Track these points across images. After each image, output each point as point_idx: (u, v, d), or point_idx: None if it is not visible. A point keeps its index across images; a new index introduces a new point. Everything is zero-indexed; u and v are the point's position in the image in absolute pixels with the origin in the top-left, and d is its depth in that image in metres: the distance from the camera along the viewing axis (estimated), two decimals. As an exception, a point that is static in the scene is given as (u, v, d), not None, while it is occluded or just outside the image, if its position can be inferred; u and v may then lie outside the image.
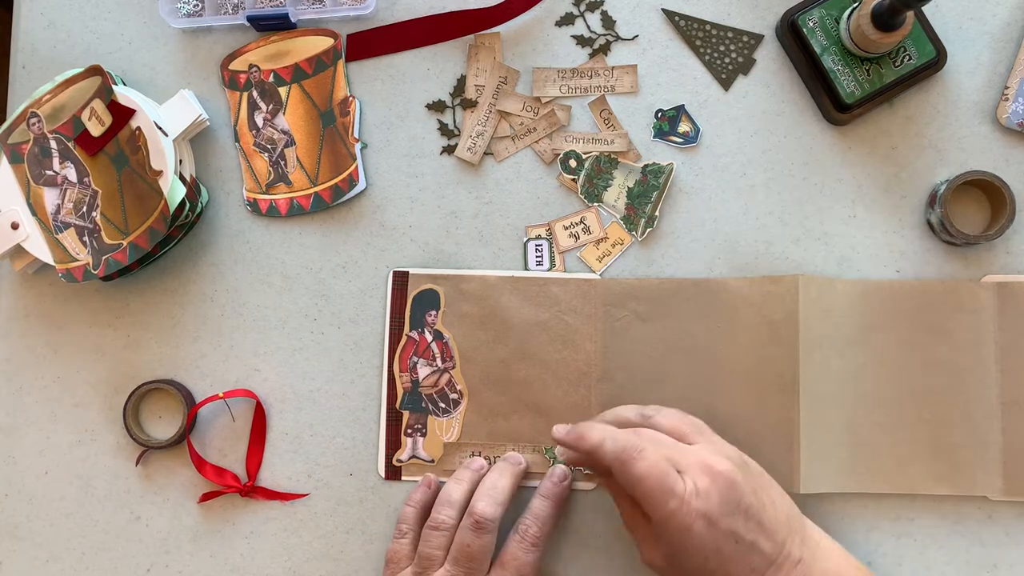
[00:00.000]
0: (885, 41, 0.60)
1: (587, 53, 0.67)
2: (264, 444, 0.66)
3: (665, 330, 0.64)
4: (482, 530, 0.57)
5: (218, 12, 0.68)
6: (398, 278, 0.66)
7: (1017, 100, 0.63)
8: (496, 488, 0.59)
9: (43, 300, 0.68)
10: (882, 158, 0.65)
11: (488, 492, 0.59)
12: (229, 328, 0.67)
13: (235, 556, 0.65)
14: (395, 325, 0.66)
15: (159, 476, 0.66)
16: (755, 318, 0.63)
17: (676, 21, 0.67)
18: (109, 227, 0.64)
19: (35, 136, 0.65)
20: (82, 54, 0.69)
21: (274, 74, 0.67)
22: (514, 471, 0.61)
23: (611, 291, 0.65)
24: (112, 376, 0.67)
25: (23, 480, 0.67)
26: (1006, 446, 0.61)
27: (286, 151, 0.67)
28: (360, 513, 0.65)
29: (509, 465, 0.62)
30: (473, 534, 0.57)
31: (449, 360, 0.65)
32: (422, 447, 0.65)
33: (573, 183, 0.66)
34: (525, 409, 0.64)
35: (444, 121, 0.67)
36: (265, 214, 0.68)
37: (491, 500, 0.58)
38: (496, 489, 0.59)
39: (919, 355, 0.63)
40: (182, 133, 0.65)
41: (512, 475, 0.61)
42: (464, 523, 0.58)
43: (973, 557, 0.62)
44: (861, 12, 0.60)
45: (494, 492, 0.59)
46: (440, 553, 0.58)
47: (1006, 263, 0.64)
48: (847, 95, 0.63)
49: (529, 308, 0.65)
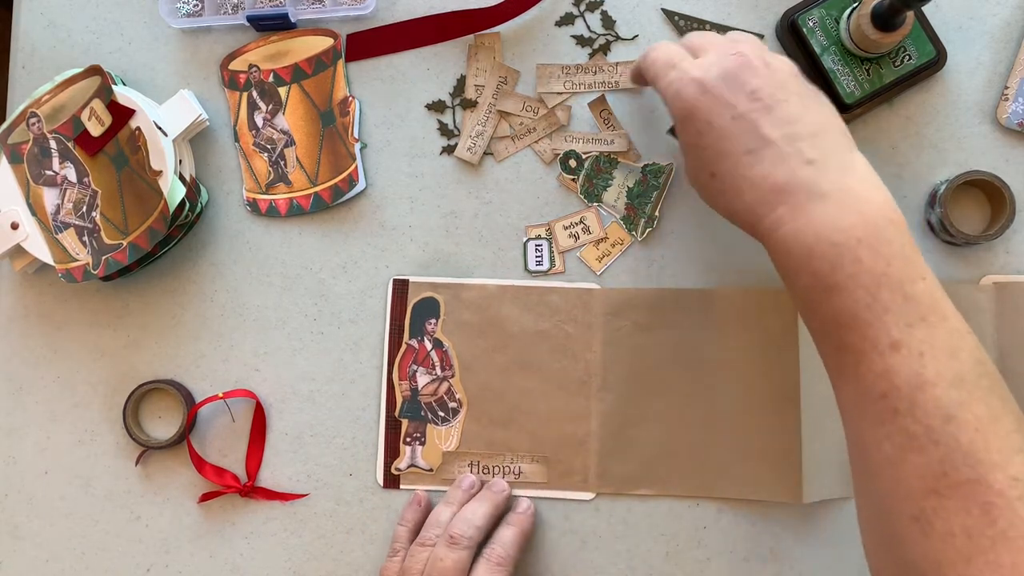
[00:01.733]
0: (885, 41, 0.60)
1: (587, 53, 0.67)
2: (264, 444, 0.66)
3: (665, 340, 0.64)
4: (456, 545, 0.58)
5: (218, 12, 0.68)
6: (398, 286, 0.66)
7: (1017, 100, 0.63)
8: (475, 514, 0.61)
9: (43, 300, 0.68)
10: (882, 158, 0.65)
11: (466, 517, 0.60)
12: (229, 328, 0.67)
13: (235, 556, 0.65)
14: (394, 333, 0.66)
15: (159, 476, 0.66)
16: (755, 328, 0.63)
17: (676, 21, 0.67)
18: (109, 227, 0.64)
19: (35, 136, 0.65)
20: (82, 54, 0.69)
21: (274, 74, 0.67)
22: (495, 499, 0.62)
23: (611, 300, 0.65)
24: (112, 376, 0.67)
25: (23, 480, 0.67)
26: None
27: (286, 151, 0.67)
28: (360, 513, 0.65)
29: (491, 494, 0.63)
30: (447, 549, 0.58)
31: (448, 369, 0.65)
32: (421, 456, 0.65)
33: (573, 183, 0.66)
34: (524, 418, 0.64)
35: (444, 121, 0.67)
36: (265, 214, 0.68)
37: (467, 523, 0.60)
38: (476, 515, 0.61)
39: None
40: (182, 133, 0.65)
41: (492, 503, 0.62)
42: (439, 541, 0.59)
43: (973, 557, 0.62)
44: (861, 12, 0.60)
45: (472, 517, 0.60)
46: (420, 567, 0.59)
47: (1006, 263, 0.64)
48: (847, 95, 0.63)
49: (529, 317, 0.65)
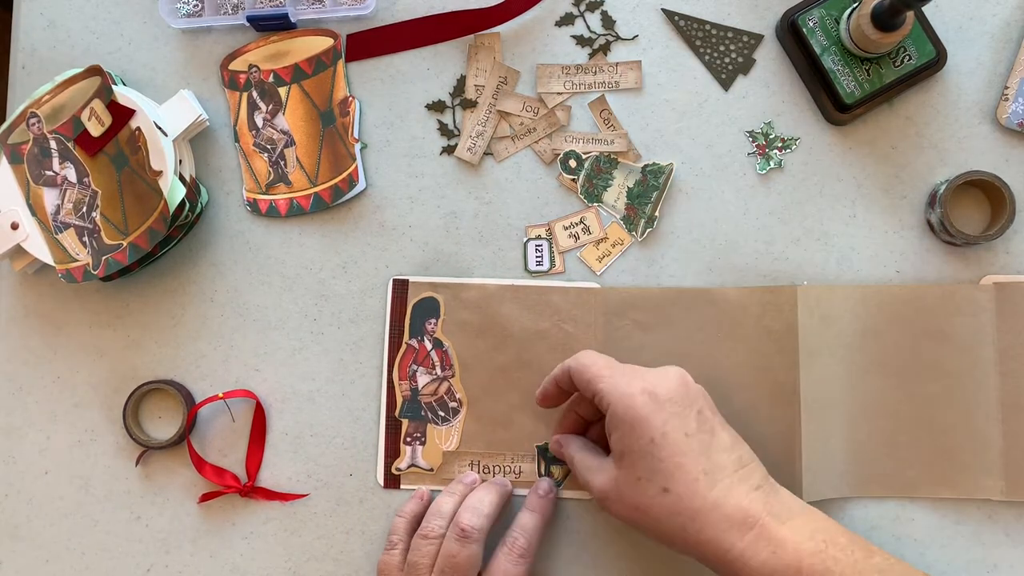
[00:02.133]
0: (885, 41, 0.60)
1: (587, 53, 0.67)
2: (264, 444, 0.66)
3: (665, 339, 0.64)
4: (467, 539, 0.57)
5: (218, 12, 0.68)
6: (398, 286, 0.66)
7: (1017, 100, 0.63)
8: (482, 502, 0.59)
9: (43, 300, 0.68)
10: (882, 158, 0.65)
11: (473, 505, 0.59)
12: (229, 328, 0.67)
13: (235, 556, 0.65)
14: (394, 333, 0.66)
15: (159, 476, 0.66)
16: (755, 328, 0.63)
17: (676, 21, 0.67)
18: (109, 227, 0.64)
19: (35, 136, 0.65)
20: (82, 54, 0.69)
21: (274, 74, 0.67)
22: (500, 490, 0.61)
23: (611, 300, 0.65)
24: (112, 376, 0.67)
25: (23, 480, 0.67)
26: (1007, 448, 0.61)
27: (286, 151, 0.67)
28: (360, 513, 0.65)
29: (496, 484, 0.62)
30: (458, 544, 0.57)
31: (448, 368, 0.65)
32: (421, 456, 0.65)
33: (573, 183, 0.66)
34: (525, 418, 0.64)
35: (444, 121, 0.67)
36: (265, 214, 0.68)
37: (476, 512, 0.58)
38: (482, 503, 0.59)
39: (919, 360, 0.63)
40: (182, 133, 0.65)
41: (498, 492, 0.61)
42: (449, 534, 0.58)
43: (973, 557, 0.62)
44: (861, 12, 0.60)
45: (480, 505, 0.59)
46: (428, 562, 0.58)
47: (1006, 263, 0.64)
48: (847, 95, 0.63)
49: (529, 317, 0.65)
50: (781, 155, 0.65)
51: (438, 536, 0.58)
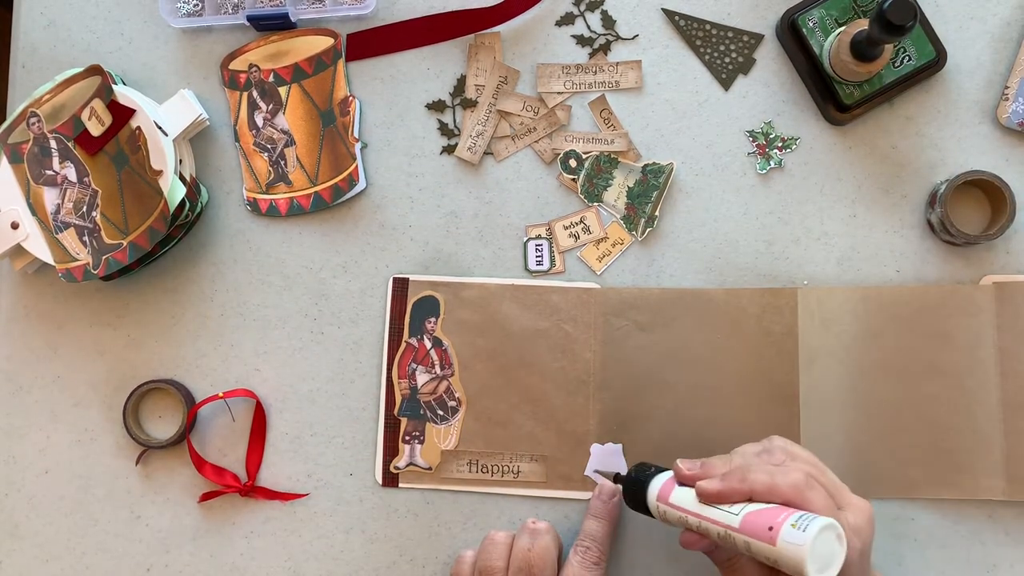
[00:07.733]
0: (861, 71, 0.60)
1: (587, 53, 0.67)
2: (264, 444, 0.66)
3: (664, 340, 0.64)
4: (538, 533, 0.57)
5: (218, 12, 0.68)
6: (398, 285, 0.66)
7: (1017, 100, 0.63)
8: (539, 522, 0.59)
9: (43, 300, 0.68)
10: (882, 158, 0.65)
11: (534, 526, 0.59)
12: (229, 328, 0.67)
13: (235, 556, 0.65)
14: (394, 331, 0.66)
15: (159, 476, 0.66)
16: (754, 329, 0.63)
17: (676, 21, 0.67)
18: (109, 227, 0.64)
19: (35, 136, 0.65)
20: (82, 54, 0.69)
21: (274, 74, 0.67)
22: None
23: (611, 300, 0.65)
24: (112, 376, 0.67)
25: (23, 480, 0.67)
26: (1008, 449, 0.61)
27: (286, 151, 0.67)
28: (360, 513, 0.65)
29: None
30: (530, 538, 0.57)
31: (448, 367, 0.65)
32: (420, 454, 0.65)
33: (573, 183, 0.66)
34: (523, 417, 0.64)
35: (444, 121, 0.67)
36: (265, 214, 0.68)
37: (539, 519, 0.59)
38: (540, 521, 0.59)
39: (919, 360, 0.63)
40: (182, 133, 0.65)
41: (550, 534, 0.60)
42: (519, 536, 0.58)
43: (973, 557, 0.62)
44: (841, 39, 0.60)
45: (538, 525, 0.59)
46: (501, 563, 0.57)
47: (1006, 263, 0.64)
48: (846, 95, 0.63)
49: (528, 316, 0.65)
50: (781, 155, 0.65)
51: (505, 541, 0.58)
